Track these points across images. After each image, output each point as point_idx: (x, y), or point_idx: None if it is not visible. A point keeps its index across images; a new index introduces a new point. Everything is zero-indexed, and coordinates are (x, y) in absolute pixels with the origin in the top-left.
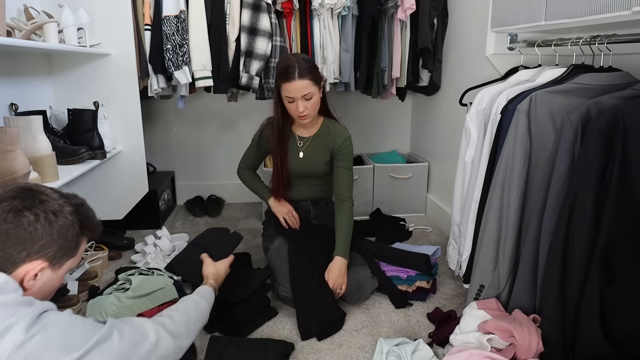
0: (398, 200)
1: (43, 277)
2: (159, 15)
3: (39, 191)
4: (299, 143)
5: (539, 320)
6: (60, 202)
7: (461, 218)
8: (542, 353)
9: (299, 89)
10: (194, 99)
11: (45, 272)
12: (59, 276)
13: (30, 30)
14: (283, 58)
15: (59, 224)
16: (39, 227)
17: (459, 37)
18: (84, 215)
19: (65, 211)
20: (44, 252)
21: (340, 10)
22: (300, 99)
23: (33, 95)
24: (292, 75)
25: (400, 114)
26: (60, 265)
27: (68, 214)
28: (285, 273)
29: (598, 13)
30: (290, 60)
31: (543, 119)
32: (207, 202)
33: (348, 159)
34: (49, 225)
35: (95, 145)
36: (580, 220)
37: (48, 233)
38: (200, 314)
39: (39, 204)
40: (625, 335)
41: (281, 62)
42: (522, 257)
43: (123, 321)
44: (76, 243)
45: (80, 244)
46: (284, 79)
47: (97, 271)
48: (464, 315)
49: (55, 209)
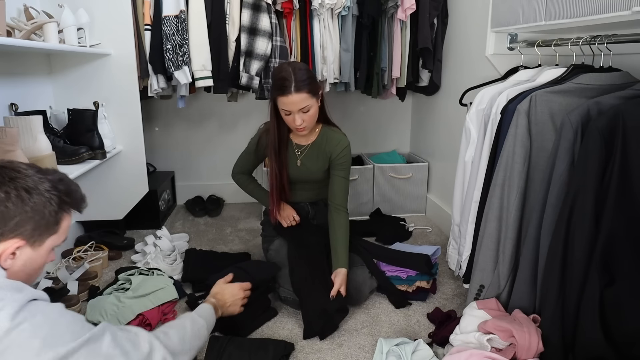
0: (398, 200)
1: (22, 255)
2: (159, 15)
3: (11, 168)
4: (297, 151)
5: (539, 320)
6: (36, 178)
7: (461, 218)
8: (542, 353)
9: (296, 102)
10: (194, 99)
11: (24, 251)
12: (41, 254)
13: (30, 30)
14: (279, 68)
15: (33, 201)
16: (10, 205)
17: (459, 37)
18: (64, 191)
19: (40, 188)
20: (19, 231)
21: (340, 10)
22: (297, 112)
23: (33, 95)
24: (288, 89)
25: (400, 114)
26: (41, 243)
27: (44, 190)
28: (285, 274)
29: (598, 13)
30: (286, 72)
31: (543, 119)
32: (207, 202)
33: (345, 168)
34: (21, 202)
35: (95, 145)
36: (580, 220)
37: (21, 210)
38: (197, 332)
39: (9, 181)
40: (626, 335)
41: (277, 72)
42: (522, 257)
43: (117, 327)
44: (56, 219)
45: (61, 220)
46: (280, 93)
47: (97, 271)
48: (464, 315)
49: (28, 186)
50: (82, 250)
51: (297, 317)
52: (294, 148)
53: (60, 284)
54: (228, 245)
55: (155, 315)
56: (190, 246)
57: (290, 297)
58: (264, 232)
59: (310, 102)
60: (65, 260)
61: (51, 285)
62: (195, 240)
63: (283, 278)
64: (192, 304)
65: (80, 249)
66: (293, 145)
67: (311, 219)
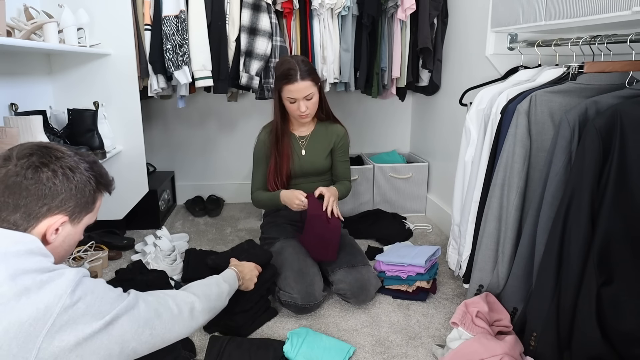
0: (398, 200)
1: (64, 231)
2: (159, 15)
3: (55, 148)
4: (300, 142)
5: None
6: (76, 158)
7: (461, 218)
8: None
9: (301, 89)
10: (194, 99)
11: (65, 227)
12: (77, 231)
13: (30, 30)
14: (282, 61)
15: (76, 179)
16: (58, 182)
17: (459, 37)
18: (99, 172)
19: (81, 167)
20: (63, 207)
21: (340, 10)
22: (302, 99)
23: (33, 95)
24: (294, 77)
25: (400, 114)
26: (79, 220)
27: (84, 170)
28: (286, 276)
29: (598, 13)
30: (291, 63)
31: (543, 119)
32: (207, 202)
33: (346, 152)
34: (67, 180)
35: (95, 145)
36: (577, 218)
37: (67, 188)
38: (220, 294)
39: (55, 160)
40: (623, 334)
41: (281, 64)
42: (517, 253)
43: (146, 293)
44: (93, 198)
45: (96, 200)
46: (286, 81)
47: (97, 271)
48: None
49: (71, 165)
50: (82, 250)
51: (297, 317)
52: (297, 140)
53: None
54: (228, 245)
55: None
56: (190, 246)
57: (290, 302)
58: (263, 235)
59: (313, 90)
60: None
61: None
62: (195, 240)
63: (284, 282)
64: None
65: (80, 249)
66: (296, 138)
67: None
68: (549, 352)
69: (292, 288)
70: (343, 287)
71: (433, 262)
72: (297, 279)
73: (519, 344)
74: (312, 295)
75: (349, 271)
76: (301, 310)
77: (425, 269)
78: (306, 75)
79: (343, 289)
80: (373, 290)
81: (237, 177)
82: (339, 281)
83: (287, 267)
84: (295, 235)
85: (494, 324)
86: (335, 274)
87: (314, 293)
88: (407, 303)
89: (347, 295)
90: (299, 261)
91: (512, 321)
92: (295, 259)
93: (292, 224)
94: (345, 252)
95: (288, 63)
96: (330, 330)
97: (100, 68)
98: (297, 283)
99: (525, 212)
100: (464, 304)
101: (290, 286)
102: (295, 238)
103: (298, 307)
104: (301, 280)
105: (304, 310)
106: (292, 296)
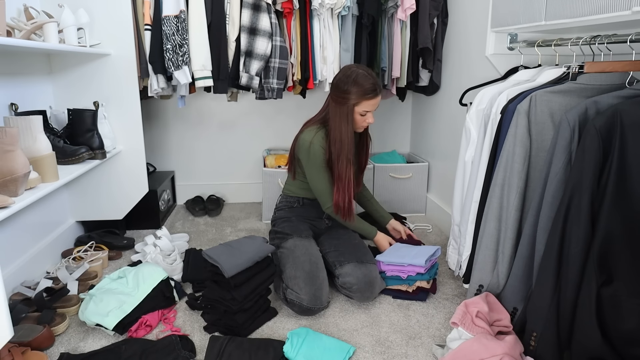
0: (398, 200)
1: None
2: (159, 15)
3: None
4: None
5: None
6: None
7: (461, 218)
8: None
9: (377, 103)
10: (194, 99)
11: None
12: None
13: (30, 30)
14: (364, 74)
15: None
16: None
17: (459, 37)
18: None
19: None
20: None
21: (340, 10)
22: (372, 111)
23: (33, 95)
24: (377, 91)
25: (400, 114)
26: None
27: None
28: (295, 276)
29: (598, 13)
30: (373, 77)
31: (543, 119)
32: (207, 202)
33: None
34: None
35: (95, 145)
36: (577, 218)
37: None
38: None
39: None
40: (623, 334)
41: (363, 78)
42: (517, 253)
43: None
44: None
45: None
46: (372, 95)
47: (97, 271)
48: (448, 342)
49: None
50: (82, 250)
51: (297, 317)
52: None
53: (60, 284)
54: None
55: (155, 317)
56: (190, 246)
57: (296, 301)
58: (275, 228)
59: None
60: (65, 260)
61: (51, 285)
62: (195, 240)
63: (293, 281)
64: (192, 304)
65: (80, 249)
66: None
67: (327, 223)
68: (549, 352)
69: (300, 289)
70: (350, 281)
71: (433, 262)
72: (307, 280)
73: (519, 344)
74: (320, 299)
75: (358, 266)
76: (305, 311)
77: (425, 268)
78: (380, 89)
79: (350, 283)
80: (378, 289)
81: (237, 177)
82: (347, 274)
83: (299, 268)
84: (309, 234)
85: (494, 324)
86: (343, 267)
87: (322, 297)
88: (407, 303)
89: (352, 289)
90: (311, 264)
91: (512, 321)
92: (307, 261)
93: (308, 221)
94: (356, 249)
95: (371, 77)
96: (330, 330)
97: (100, 68)
98: (306, 285)
99: (525, 212)
100: (464, 304)
101: (299, 286)
102: (308, 238)
103: (303, 308)
104: (311, 283)
105: (308, 312)
106: (299, 296)
